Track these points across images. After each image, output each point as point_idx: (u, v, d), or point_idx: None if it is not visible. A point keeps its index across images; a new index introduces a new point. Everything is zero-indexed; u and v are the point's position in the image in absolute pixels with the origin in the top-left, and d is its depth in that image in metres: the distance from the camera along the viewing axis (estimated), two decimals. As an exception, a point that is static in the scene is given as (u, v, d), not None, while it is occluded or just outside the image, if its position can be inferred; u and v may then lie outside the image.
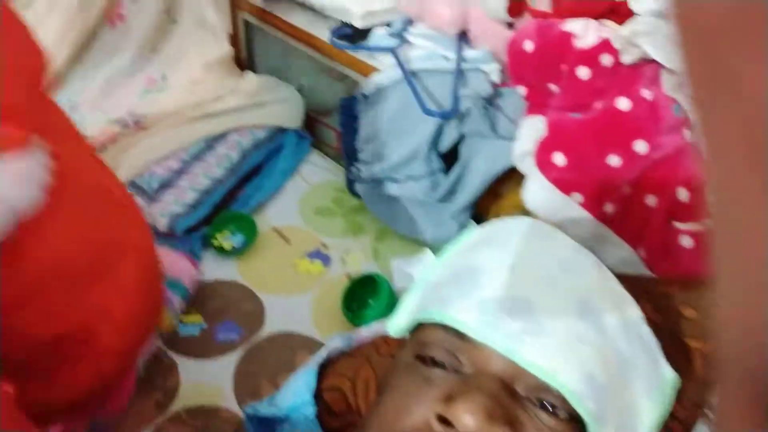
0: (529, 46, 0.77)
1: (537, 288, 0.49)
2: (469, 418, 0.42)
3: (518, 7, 0.87)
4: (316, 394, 0.59)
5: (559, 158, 0.73)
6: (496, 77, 0.90)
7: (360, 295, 0.90)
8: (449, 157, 0.93)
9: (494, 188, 0.88)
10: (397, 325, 0.54)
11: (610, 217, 0.73)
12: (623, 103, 0.69)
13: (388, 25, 1.03)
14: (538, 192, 0.73)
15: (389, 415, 0.46)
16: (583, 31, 0.73)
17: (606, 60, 0.71)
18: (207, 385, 0.81)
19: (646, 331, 0.51)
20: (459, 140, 0.90)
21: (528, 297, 0.48)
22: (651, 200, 0.71)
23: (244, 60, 1.23)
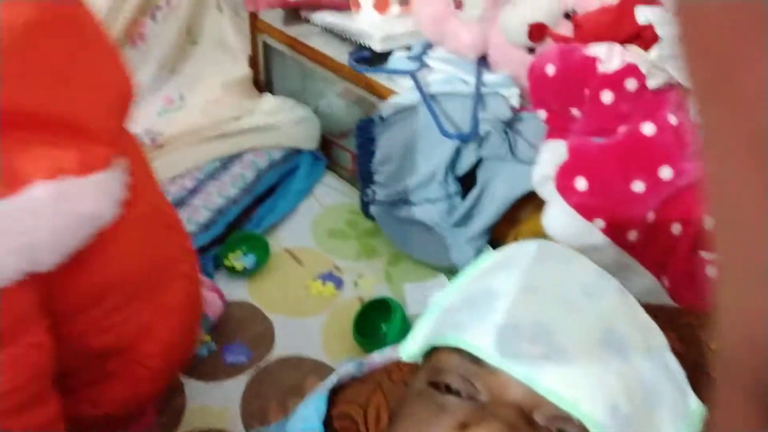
0: (551, 70, 0.76)
1: (557, 313, 0.47)
2: None
3: (539, 32, 0.86)
4: (326, 421, 0.57)
5: (581, 183, 0.71)
6: (515, 101, 0.89)
7: (372, 319, 0.88)
8: (466, 182, 0.91)
9: (512, 213, 0.86)
10: (410, 350, 0.52)
11: (633, 245, 0.71)
12: (648, 128, 0.68)
13: (408, 48, 1.03)
14: (559, 217, 0.72)
15: (402, 443, 0.44)
16: (607, 55, 0.72)
17: (630, 84, 0.70)
18: (213, 408, 0.79)
19: (672, 360, 0.49)
20: (476, 164, 0.89)
21: (548, 322, 0.46)
22: (676, 228, 0.69)
23: (262, 82, 1.23)
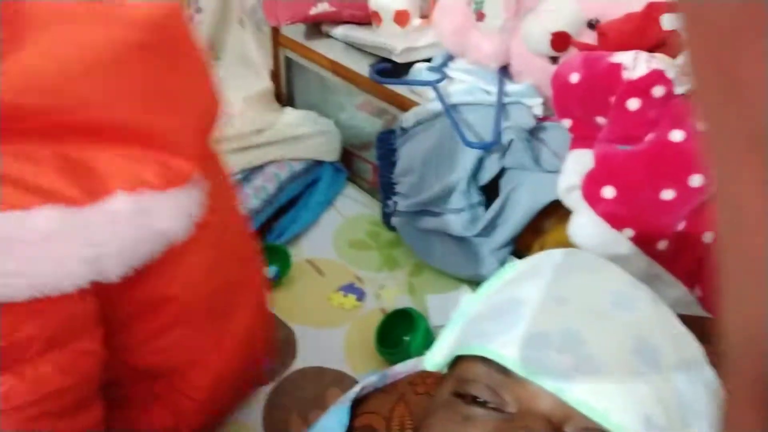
0: (575, 78, 0.75)
1: (587, 322, 0.45)
2: None
3: (562, 42, 0.85)
4: (349, 432, 0.56)
5: (609, 191, 0.70)
6: (538, 111, 0.88)
7: (394, 330, 0.87)
8: (489, 192, 0.90)
9: (536, 223, 0.85)
10: (434, 360, 0.51)
11: (663, 254, 0.69)
12: (677, 135, 0.66)
13: (429, 60, 1.03)
14: (586, 226, 0.70)
15: (427, 455, 0.43)
16: (633, 62, 0.70)
17: (658, 91, 0.69)
18: (235, 419, 0.78)
19: (710, 373, 0.47)
20: (499, 174, 0.88)
21: (578, 331, 0.44)
22: (708, 237, 0.67)
23: (284, 95, 1.24)
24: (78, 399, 0.51)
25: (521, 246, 0.88)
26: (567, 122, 0.79)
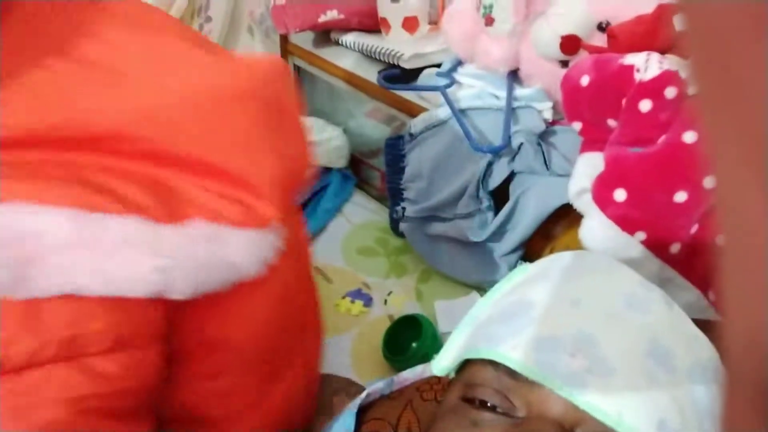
0: (585, 80, 0.75)
1: (600, 324, 0.44)
2: None
3: (572, 45, 0.84)
4: (355, 439, 0.54)
5: (620, 194, 0.68)
6: (548, 115, 0.88)
7: (402, 336, 0.86)
8: (498, 197, 0.89)
9: (546, 228, 0.84)
10: (442, 364, 0.50)
11: (676, 258, 0.67)
12: (690, 136, 0.65)
13: (438, 65, 1.02)
14: (598, 230, 0.69)
15: (434, 461, 0.42)
16: (645, 63, 0.69)
17: (670, 92, 0.68)
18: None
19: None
20: (509, 178, 0.87)
21: (590, 333, 0.43)
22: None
23: (292, 102, 1.24)
24: (133, 406, 0.50)
25: (531, 251, 0.87)
26: (577, 125, 0.78)
